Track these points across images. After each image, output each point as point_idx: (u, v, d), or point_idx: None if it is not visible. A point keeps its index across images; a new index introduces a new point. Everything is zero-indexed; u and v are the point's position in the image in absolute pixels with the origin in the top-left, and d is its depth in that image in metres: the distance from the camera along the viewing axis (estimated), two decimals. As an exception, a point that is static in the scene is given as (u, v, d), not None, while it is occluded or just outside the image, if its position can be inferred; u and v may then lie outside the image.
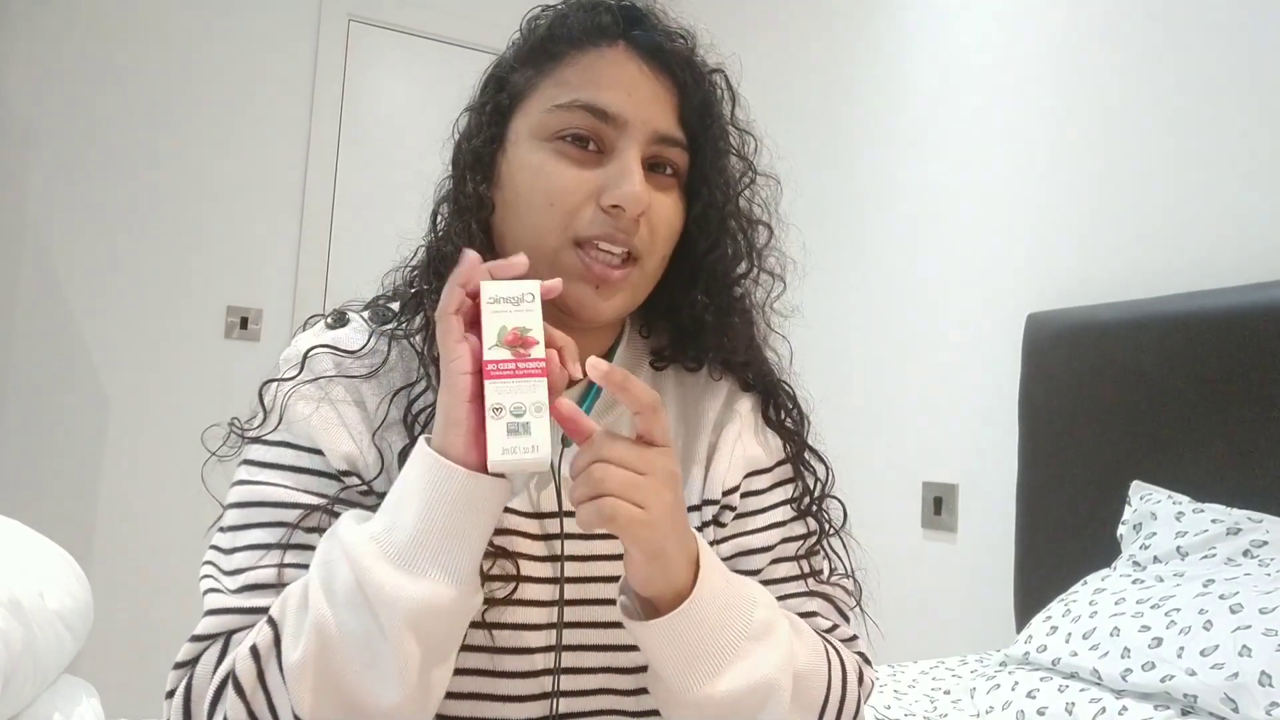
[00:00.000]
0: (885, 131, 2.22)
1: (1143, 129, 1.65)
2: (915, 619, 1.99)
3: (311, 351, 0.66)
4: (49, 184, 2.46)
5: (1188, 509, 1.33)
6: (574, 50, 0.66)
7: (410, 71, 2.89)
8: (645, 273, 0.67)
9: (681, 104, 0.67)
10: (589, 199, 0.63)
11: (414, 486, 0.54)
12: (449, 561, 0.54)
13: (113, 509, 2.46)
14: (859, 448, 2.17)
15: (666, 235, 0.67)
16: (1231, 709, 0.96)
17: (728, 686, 0.57)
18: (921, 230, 2.10)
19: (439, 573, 0.53)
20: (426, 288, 0.67)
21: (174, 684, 0.58)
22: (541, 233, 0.64)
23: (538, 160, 0.65)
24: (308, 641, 0.53)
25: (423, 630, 0.53)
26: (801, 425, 0.75)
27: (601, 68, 0.65)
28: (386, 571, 0.52)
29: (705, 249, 0.69)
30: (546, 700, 0.64)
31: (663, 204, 0.66)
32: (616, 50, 0.66)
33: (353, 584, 0.53)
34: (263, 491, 0.62)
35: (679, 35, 0.68)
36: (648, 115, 0.65)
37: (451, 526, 0.54)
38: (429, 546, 0.53)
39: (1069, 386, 1.64)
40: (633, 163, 0.63)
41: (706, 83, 0.68)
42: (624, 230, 0.63)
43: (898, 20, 2.21)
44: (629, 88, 0.64)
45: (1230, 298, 1.42)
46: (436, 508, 0.53)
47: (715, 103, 0.68)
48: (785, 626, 0.62)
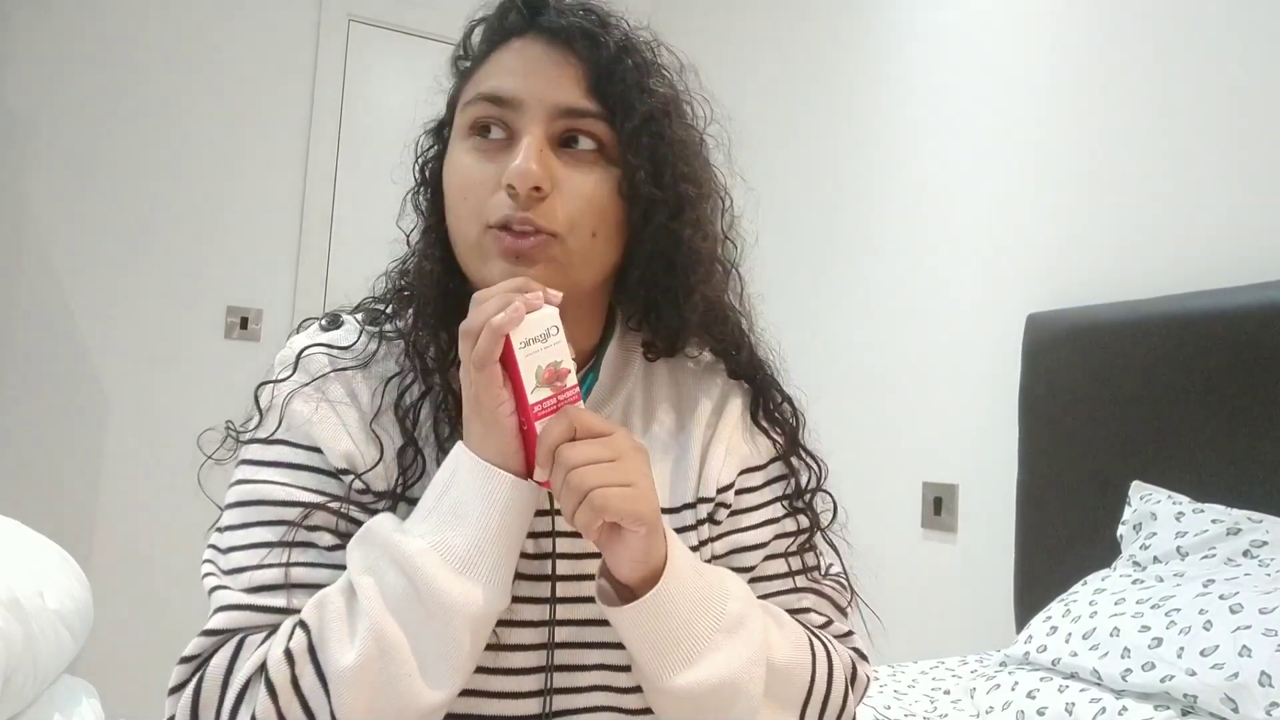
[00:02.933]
0: (886, 131, 2.21)
1: (1143, 129, 1.65)
2: (915, 619, 1.99)
3: (305, 352, 0.67)
4: (49, 184, 2.46)
5: (1188, 509, 1.33)
6: (490, 50, 0.68)
7: (410, 71, 2.89)
8: (571, 249, 0.64)
9: (590, 75, 0.65)
10: (497, 186, 0.63)
11: (470, 494, 0.58)
12: (505, 566, 0.59)
13: (113, 509, 2.46)
14: (859, 448, 2.17)
15: (588, 209, 0.64)
16: (1231, 709, 0.96)
17: (697, 678, 0.59)
18: (921, 230, 2.10)
19: (495, 577, 0.58)
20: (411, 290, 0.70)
21: (180, 679, 0.58)
22: (463, 225, 0.65)
23: (456, 158, 0.66)
24: (365, 648, 0.55)
25: (480, 633, 0.58)
26: (795, 420, 0.75)
27: (504, 59, 0.67)
28: (449, 578, 0.56)
29: (638, 220, 0.67)
30: (541, 697, 0.64)
31: (577, 180, 0.64)
32: (521, 40, 0.67)
33: (409, 591, 0.56)
34: (262, 490, 0.63)
35: (583, 12, 0.67)
36: (544, 91, 0.64)
37: (505, 534, 0.58)
38: (488, 553, 0.57)
39: (1069, 386, 1.64)
40: (525, 140, 0.63)
41: (612, 49, 0.66)
42: (524, 206, 0.62)
43: (898, 19, 2.21)
44: (525, 70, 0.65)
45: (1230, 298, 1.42)
46: (493, 516, 0.58)
47: (624, 67, 0.66)
48: (759, 619, 0.63)
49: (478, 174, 0.64)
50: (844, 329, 2.27)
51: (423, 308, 0.67)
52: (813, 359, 2.26)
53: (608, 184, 0.66)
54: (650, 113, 0.66)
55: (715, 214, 0.72)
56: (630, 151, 0.65)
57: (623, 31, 0.68)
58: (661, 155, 0.66)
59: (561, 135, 0.65)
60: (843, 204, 2.31)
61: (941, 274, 2.04)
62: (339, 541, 0.61)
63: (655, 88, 0.67)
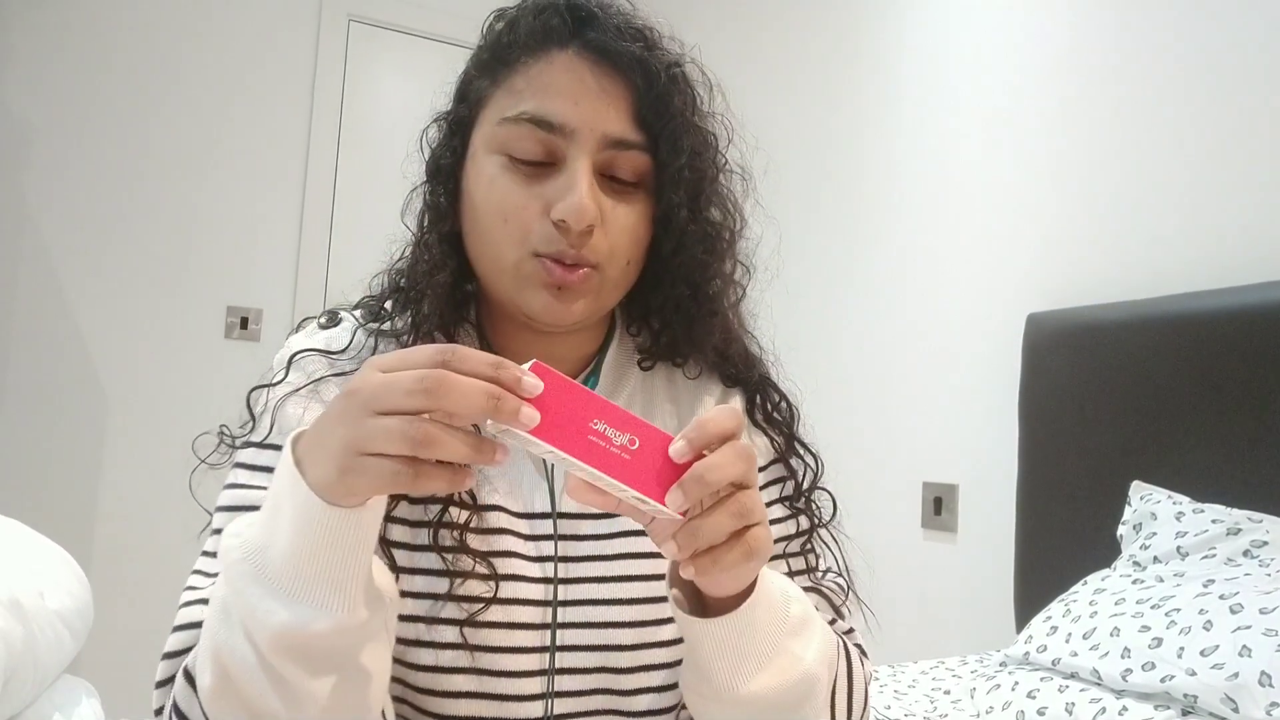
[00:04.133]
0: (885, 131, 2.21)
1: (1143, 129, 1.65)
2: (915, 619, 1.99)
3: (297, 356, 0.67)
4: (48, 183, 2.45)
5: (1188, 509, 1.33)
6: (526, 56, 0.65)
7: (410, 71, 2.89)
8: (609, 279, 0.65)
9: (637, 105, 0.64)
10: (541, 213, 0.62)
11: (286, 508, 0.48)
12: (329, 598, 0.48)
13: (113, 509, 2.46)
14: (859, 448, 2.17)
15: (628, 242, 0.65)
16: (1231, 709, 0.96)
17: (772, 683, 0.57)
18: (921, 230, 2.10)
19: (314, 600, 0.48)
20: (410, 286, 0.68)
21: (159, 703, 0.58)
22: (499, 247, 0.64)
23: (491, 174, 0.64)
24: (212, 668, 0.51)
25: (303, 653, 0.49)
26: (791, 418, 0.75)
27: (549, 75, 0.63)
28: (257, 595, 0.48)
29: (670, 251, 0.68)
30: (543, 700, 0.64)
31: (622, 213, 0.64)
32: (565, 55, 0.64)
33: (228, 608, 0.50)
34: (253, 496, 0.62)
35: (632, 33, 0.65)
36: (595, 121, 0.63)
37: (325, 560, 0.48)
38: (302, 575, 0.48)
39: (1069, 386, 1.64)
40: (580, 174, 0.62)
41: (662, 81, 0.64)
42: (574, 244, 0.62)
43: (898, 19, 2.21)
44: (575, 95, 0.63)
45: (1230, 298, 1.42)
46: (306, 536, 0.48)
47: (673, 100, 0.65)
48: (819, 620, 0.63)
49: (519, 198, 0.63)
50: (844, 329, 2.27)
51: (427, 316, 0.66)
52: (812, 359, 2.26)
53: (646, 214, 0.67)
54: (694, 148, 0.66)
55: (741, 242, 0.73)
56: (671, 186, 0.65)
57: (670, 58, 0.67)
58: (700, 189, 0.67)
59: (606, 165, 0.64)
60: (842, 204, 2.31)
61: (941, 274, 2.04)
62: None
63: (700, 122, 0.67)
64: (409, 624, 0.61)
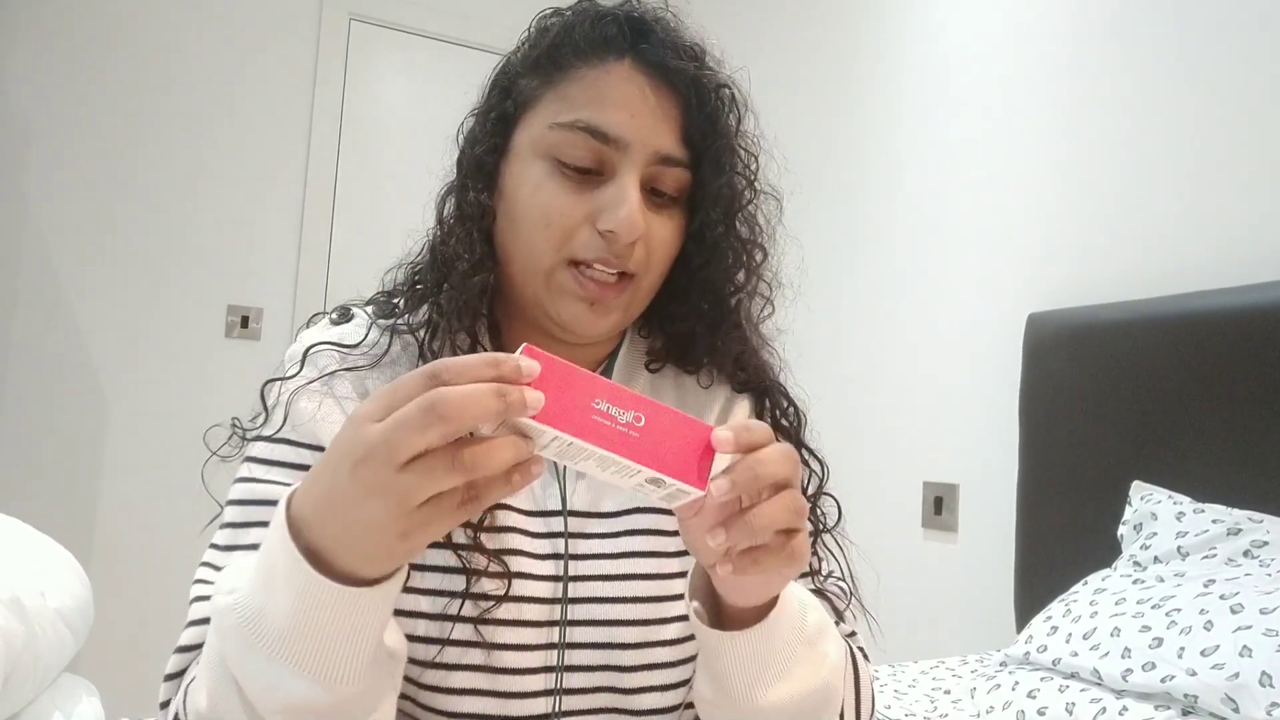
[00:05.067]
0: (886, 130, 2.22)
1: (1143, 129, 1.65)
2: (915, 619, 1.99)
3: (313, 349, 0.67)
4: (48, 183, 2.45)
5: (1188, 509, 1.33)
6: (580, 63, 0.65)
7: (410, 71, 2.89)
8: (640, 291, 0.67)
9: (685, 122, 0.65)
10: (585, 221, 0.63)
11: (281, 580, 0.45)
12: (337, 671, 0.46)
13: (113, 509, 2.46)
14: (859, 448, 2.17)
15: (663, 255, 0.67)
16: (1232, 709, 0.96)
17: (791, 692, 0.57)
18: (922, 230, 2.10)
19: (325, 678, 0.46)
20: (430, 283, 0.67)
21: (166, 696, 0.58)
22: (537, 250, 0.64)
23: (537, 176, 0.64)
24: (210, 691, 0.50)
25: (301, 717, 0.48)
26: (798, 424, 0.76)
27: (605, 85, 0.64)
28: (265, 672, 0.46)
29: (700, 264, 0.69)
30: (549, 698, 0.64)
31: (660, 225, 0.65)
32: (622, 66, 0.64)
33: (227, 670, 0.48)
34: (264, 490, 0.62)
35: (687, 50, 0.66)
36: (648, 136, 0.63)
37: (332, 637, 0.46)
38: (306, 649, 0.46)
39: (1069, 386, 1.64)
40: (630, 188, 0.62)
41: (713, 100, 0.66)
42: (618, 254, 0.63)
43: (898, 19, 2.21)
44: (631, 108, 0.63)
45: (1230, 298, 1.42)
46: (309, 616, 0.45)
47: (720, 120, 0.67)
48: (833, 627, 0.63)
49: (565, 204, 0.63)
50: (844, 329, 2.27)
51: (457, 314, 0.65)
52: (813, 359, 2.26)
53: (680, 227, 0.68)
54: (734, 167, 0.67)
55: (768, 263, 0.74)
56: (710, 203, 0.66)
57: (720, 78, 0.67)
58: (735, 207, 0.68)
59: (652, 179, 0.65)
60: (842, 204, 2.31)
61: (941, 274, 2.04)
62: None
63: (741, 143, 0.69)
64: (419, 620, 0.61)
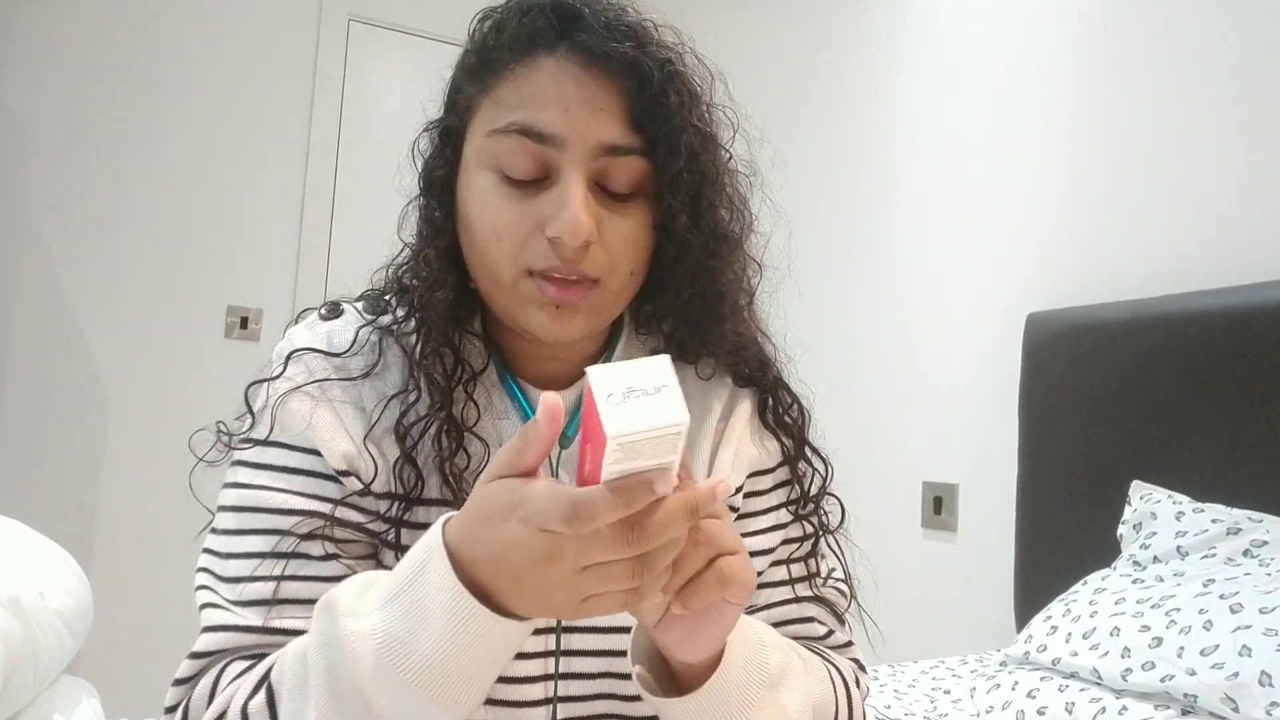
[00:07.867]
0: (885, 130, 2.21)
1: (1143, 129, 1.65)
2: (915, 619, 1.99)
3: (295, 354, 0.65)
4: (48, 183, 2.45)
5: (1188, 509, 1.33)
6: (513, 62, 0.61)
7: (410, 72, 2.89)
8: (610, 292, 0.63)
9: (630, 108, 0.61)
10: (535, 229, 0.60)
11: (438, 610, 0.47)
12: (465, 695, 0.49)
13: (112, 509, 2.46)
14: (859, 448, 2.17)
15: (629, 253, 0.63)
16: (1231, 709, 0.96)
17: None
18: (922, 230, 2.10)
19: (453, 703, 0.49)
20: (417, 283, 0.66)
21: (174, 700, 0.58)
22: (495, 265, 0.61)
23: (483, 189, 0.61)
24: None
25: None
26: (802, 422, 0.74)
27: (535, 82, 0.60)
28: (399, 699, 0.48)
29: (672, 256, 0.65)
30: (547, 706, 0.64)
31: (619, 224, 0.61)
32: (552, 59, 0.60)
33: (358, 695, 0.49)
34: (257, 496, 0.61)
35: (624, 31, 0.61)
36: (586, 129, 0.59)
37: (474, 666, 0.49)
38: (447, 677, 0.48)
39: (1069, 386, 1.64)
40: (573, 188, 0.58)
41: (657, 80, 0.60)
42: (570, 259, 0.59)
43: (898, 18, 2.21)
44: (565, 102, 0.59)
45: (1230, 298, 1.42)
46: (462, 646, 0.47)
47: (668, 101, 0.61)
48: (798, 665, 0.62)
49: (512, 216, 0.60)
50: (843, 328, 2.27)
51: (429, 334, 0.64)
52: (812, 359, 2.25)
53: (645, 221, 0.64)
54: (693, 148, 0.63)
55: (747, 243, 0.70)
56: (671, 191, 0.62)
57: (664, 54, 0.62)
58: (701, 192, 0.64)
59: (600, 174, 0.61)
60: (841, 203, 2.31)
61: (941, 274, 2.03)
62: (337, 550, 0.60)
63: (699, 121, 0.64)
64: None
